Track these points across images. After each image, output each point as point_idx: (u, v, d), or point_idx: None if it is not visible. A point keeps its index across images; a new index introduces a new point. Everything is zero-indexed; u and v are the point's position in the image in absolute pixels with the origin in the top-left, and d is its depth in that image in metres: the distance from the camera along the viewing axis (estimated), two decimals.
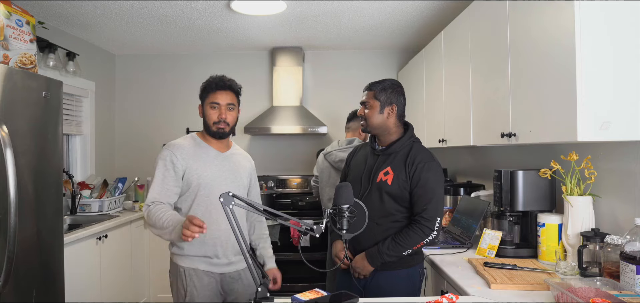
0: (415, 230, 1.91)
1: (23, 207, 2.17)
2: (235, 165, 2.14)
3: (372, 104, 2.01)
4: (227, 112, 2.08)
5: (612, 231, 1.87)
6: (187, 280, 2.02)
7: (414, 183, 1.93)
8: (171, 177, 2.01)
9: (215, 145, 2.12)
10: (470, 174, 3.54)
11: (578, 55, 1.58)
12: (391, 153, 2.02)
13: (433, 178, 1.94)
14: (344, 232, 1.57)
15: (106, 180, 4.01)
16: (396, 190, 1.95)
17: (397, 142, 2.02)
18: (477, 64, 2.50)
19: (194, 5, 3.23)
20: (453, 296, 1.56)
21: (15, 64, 2.42)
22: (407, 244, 1.91)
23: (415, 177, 1.93)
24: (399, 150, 2.01)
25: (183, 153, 2.04)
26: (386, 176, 1.97)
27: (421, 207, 1.92)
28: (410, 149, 2.00)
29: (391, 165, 1.98)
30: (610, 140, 1.63)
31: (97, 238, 3.22)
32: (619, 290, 1.51)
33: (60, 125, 2.52)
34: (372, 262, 1.96)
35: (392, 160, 2.00)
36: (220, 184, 2.03)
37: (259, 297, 1.46)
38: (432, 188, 1.93)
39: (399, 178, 1.95)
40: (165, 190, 2.00)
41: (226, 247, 2.05)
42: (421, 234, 1.91)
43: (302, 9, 3.31)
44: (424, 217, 1.91)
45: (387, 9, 3.33)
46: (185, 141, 2.12)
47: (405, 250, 1.92)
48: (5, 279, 2.04)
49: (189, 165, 2.03)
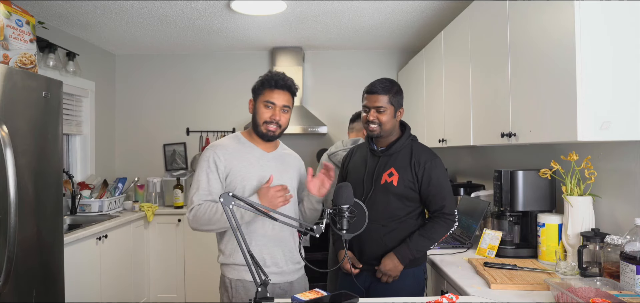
0: (440, 224, 1.99)
1: (23, 207, 2.17)
2: (282, 166, 1.97)
3: (387, 108, 1.98)
4: (281, 114, 1.90)
5: (612, 231, 1.87)
6: (233, 292, 1.85)
7: (426, 183, 1.97)
8: (215, 178, 1.86)
9: (261, 145, 1.96)
10: (470, 174, 3.54)
11: (578, 55, 1.58)
12: (392, 153, 2.03)
13: (442, 174, 2.01)
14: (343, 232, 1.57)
15: (106, 180, 4.01)
16: (402, 190, 1.97)
17: (397, 142, 2.03)
18: (477, 64, 2.50)
19: (194, 5, 3.23)
20: (453, 296, 1.56)
21: (15, 64, 2.42)
22: (435, 237, 1.99)
23: (425, 176, 1.97)
24: (400, 150, 2.02)
25: (226, 154, 1.89)
26: (391, 177, 1.98)
27: (440, 204, 1.99)
28: (412, 149, 2.03)
29: (394, 166, 2.00)
30: (610, 140, 1.63)
31: (97, 238, 3.22)
32: (619, 290, 1.51)
33: (60, 125, 2.52)
34: (402, 260, 1.95)
35: (394, 160, 2.01)
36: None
37: (259, 297, 1.46)
38: (444, 184, 2.01)
39: (405, 179, 1.97)
40: (211, 192, 1.85)
41: (275, 254, 1.88)
42: (446, 227, 1.99)
43: (302, 9, 3.31)
44: (446, 212, 1.99)
45: (387, 9, 3.33)
46: (228, 141, 1.97)
47: (433, 244, 2.01)
48: (5, 279, 2.04)
49: (232, 166, 1.88)
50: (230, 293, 1.87)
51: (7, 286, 2.05)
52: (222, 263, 1.92)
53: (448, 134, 3.02)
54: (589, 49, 1.58)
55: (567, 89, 1.63)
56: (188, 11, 3.36)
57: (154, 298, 4.12)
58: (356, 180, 2.06)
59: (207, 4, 3.20)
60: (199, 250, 4.09)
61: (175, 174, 4.46)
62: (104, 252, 3.30)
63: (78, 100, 4.07)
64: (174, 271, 4.12)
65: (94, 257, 3.19)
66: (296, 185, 2.02)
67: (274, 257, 1.88)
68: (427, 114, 3.53)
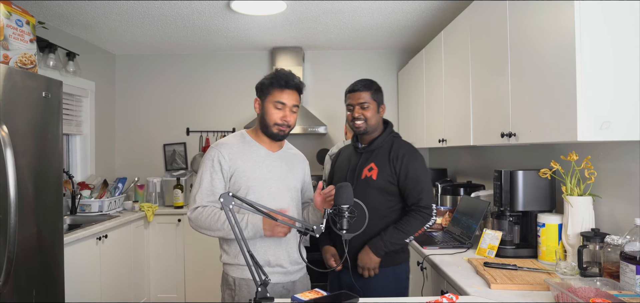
0: (415, 216, 2.01)
1: (23, 207, 2.17)
2: (287, 166, 1.96)
3: (371, 104, 2.08)
4: (291, 114, 1.89)
5: (612, 231, 1.87)
6: (237, 290, 1.86)
7: (403, 176, 2.02)
8: (219, 178, 1.85)
9: (267, 144, 1.94)
10: (470, 174, 3.54)
11: (578, 55, 1.58)
12: (373, 149, 2.10)
13: (420, 167, 2.04)
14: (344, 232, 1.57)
15: (106, 180, 4.01)
16: (382, 183, 2.03)
17: (378, 138, 2.10)
18: (477, 63, 2.50)
19: (194, 5, 3.23)
20: (453, 296, 1.56)
21: (15, 64, 2.42)
22: (409, 231, 2.00)
23: (402, 170, 2.02)
24: (381, 146, 2.10)
25: (230, 153, 1.87)
26: (370, 172, 2.05)
27: (416, 197, 2.02)
28: (392, 144, 2.09)
29: (374, 161, 2.07)
30: (610, 140, 1.63)
31: (97, 238, 3.22)
32: (619, 290, 1.51)
33: (60, 125, 2.52)
34: (376, 252, 1.98)
35: (375, 156, 2.08)
36: (271, 187, 1.88)
37: (259, 297, 1.46)
38: (420, 177, 2.03)
39: (384, 172, 2.03)
40: (214, 192, 1.83)
41: (279, 255, 1.89)
42: (422, 220, 2.01)
43: (302, 9, 3.31)
44: (422, 205, 2.01)
45: (387, 9, 3.33)
46: (233, 139, 1.94)
47: (408, 237, 2.00)
48: (5, 279, 2.04)
49: (237, 166, 1.86)
50: (234, 291, 1.87)
51: (7, 286, 2.05)
52: (225, 263, 1.92)
53: (448, 134, 3.02)
54: (589, 49, 1.58)
55: (567, 89, 1.63)
56: (188, 11, 3.36)
57: (154, 298, 4.12)
58: (340, 178, 2.14)
59: (207, 4, 3.20)
60: (199, 250, 4.09)
61: (175, 174, 4.46)
62: (104, 252, 3.30)
63: (78, 100, 4.07)
64: (174, 271, 4.12)
65: (94, 257, 3.19)
66: (300, 186, 2.02)
67: (278, 257, 1.89)
68: (427, 114, 3.53)
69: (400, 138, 2.15)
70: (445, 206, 3.16)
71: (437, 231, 2.92)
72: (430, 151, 4.59)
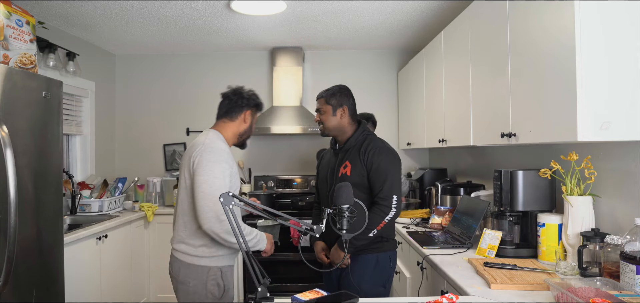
0: (374, 210, 2.12)
1: (23, 207, 2.17)
2: None
3: (325, 109, 2.26)
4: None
5: (612, 231, 1.87)
6: (225, 278, 2.09)
7: (369, 169, 2.16)
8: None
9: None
10: (470, 174, 3.54)
11: (578, 55, 1.58)
12: (348, 148, 2.26)
13: (385, 160, 2.15)
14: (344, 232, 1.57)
15: (106, 180, 4.01)
16: (355, 178, 2.16)
17: (351, 138, 2.26)
18: (477, 64, 2.50)
19: (194, 5, 3.23)
20: (453, 296, 1.56)
21: (15, 64, 2.42)
22: (369, 225, 2.09)
23: (368, 163, 2.15)
24: (354, 145, 2.25)
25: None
26: (345, 169, 2.20)
27: (378, 189, 2.15)
28: (364, 141, 2.23)
29: (348, 159, 2.21)
30: (610, 140, 1.63)
31: (97, 238, 3.22)
32: (619, 290, 1.51)
33: (60, 125, 2.52)
34: (341, 248, 2.17)
35: (349, 154, 2.23)
36: None
37: (259, 297, 1.46)
38: (385, 169, 2.13)
39: (356, 167, 2.19)
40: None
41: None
42: (381, 213, 2.12)
43: (302, 9, 3.31)
44: (381, 197, 2.13)
45: (387, 9, 3.33)
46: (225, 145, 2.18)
47: (370, 231, 2.10)
48: (5, 279, 2.04)
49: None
50: (222, 280, 2.08)
51: (7, 286, 2.05)
52: (204, 256, 2.05)
53: (448, 134, 3.02)
54: (588, 49, 1.58)
55: (567, 89, 1.63)
56: (188, 11, 3.36)
57: (154, 298, 4.12)
58: (323, 178, 2.37)
59: (207, 4, 3.20)
60: None
61: (175, 174, 4.46)
62: (104, 252, 3.31)
63: (78, 100, 4.07)
64: None
65: (94, 257, 3.20)
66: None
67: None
68: (427, 114, 3.53)
69: (374, 136, 2.29)
70: (445, 206, 3.16)
71: (437, 231, 2.92)
72: (430, 151, 4.59)
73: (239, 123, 2.20)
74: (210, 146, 2.02)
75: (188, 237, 2.05)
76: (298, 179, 4.54)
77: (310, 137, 4.65)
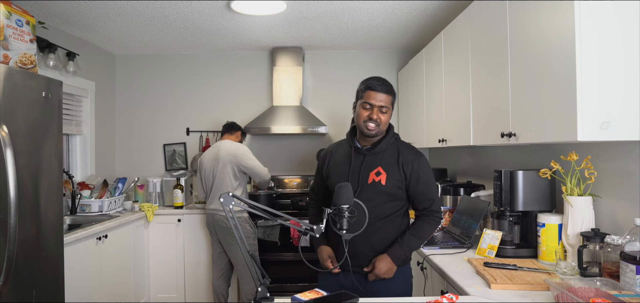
0: (429, 221, 2.02)
1: (23, 207, 2.17)
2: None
3: (389, 109, 1.98)
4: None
5: (612, 231, 1.87)
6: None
7: (414, 181, 1.97)
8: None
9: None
10: (470, 174, 3.54)
11: (578, 55, 1.58)
12: (378, 152, 1.99)
13: (429, 172, 2.05)
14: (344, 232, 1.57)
15: (106, 180, 4.01)
16: (391, 189, 1.95)
17: (382, 141, 2.00)
18: (477, 64, 2.50)
19: (194, 5, 3.23)
20: (453, 296, 1.56)
21: (15, 64, 2.42)
22: (425, 236, 2.02)
23: (413, 175, 1.97)
24: (386, 149, 2.00)
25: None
26: (378, 176, 1.96)
27: (428, 202, 2.02)
28: (398, 147, 2.01)
29: (381, 165, 1.97)
30: (610, 140, 1.63)
31: (97, 238, 3.22)
32: (619, 290, 1.51)
33: (60, 125, 2.52)
34: (397, 261, 1.94)
35: (380, 159, 1.98)
36: None
37: (259, 297, 1.46)
38: (431, 182, 2.04)
39: (393, 178, 1.95)
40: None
41: None
42: (435, 225, 2.04)
43: (302, 9, 3.31)
44: (434, 209, 2.02)
45: (387, 9, 3.33)
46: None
47: (423, 243, 2.04)
48: (5, 279, 2.04)
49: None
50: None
51: (7, 286, 2.05)
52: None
53: (448, 134, 3.02)
54: (588, 49, 1.58)
55: (567, 89, 1.63)
56: (188, 11, 3.36)
57: (154, 298, 4.12)
58: (341, 179, 1.97)
59: (207, 4, 3.20)
60: (199, 250, 4.09)
61: (175, 174, 4.45)
62: (104, 252, 3.31)
63: (78, 100, 4.07)
64: (174, 271, 4.12)
65: (94, 257, 3.19)
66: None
67: None
68: (427, 114, 3.53)
69: (400, 139, 2.09)
70: (445, 206, 3.16)
71: (437, 231, 2.92)
72: (430, 151, 4.59)
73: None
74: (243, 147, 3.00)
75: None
76: (298, 179, 4.54)
77: (310, 137, 4.65)
